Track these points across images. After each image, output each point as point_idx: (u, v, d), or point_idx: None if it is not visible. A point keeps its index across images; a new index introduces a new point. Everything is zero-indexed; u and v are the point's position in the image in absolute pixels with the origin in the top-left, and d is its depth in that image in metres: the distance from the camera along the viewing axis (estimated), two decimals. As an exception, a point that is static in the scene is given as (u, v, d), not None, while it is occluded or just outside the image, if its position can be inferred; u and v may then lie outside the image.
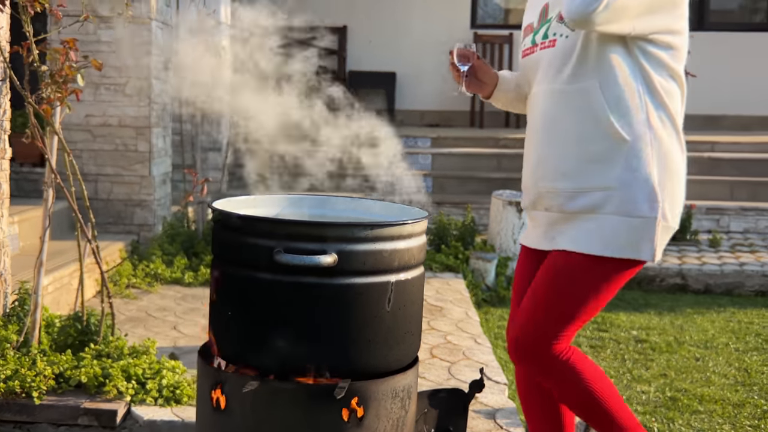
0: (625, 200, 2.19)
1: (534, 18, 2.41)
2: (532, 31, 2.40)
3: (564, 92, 2.22)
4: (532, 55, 2.36)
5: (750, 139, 8.66)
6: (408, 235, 1.93)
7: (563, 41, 2.24)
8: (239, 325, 1.96)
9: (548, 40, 2.29)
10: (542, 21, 2.36)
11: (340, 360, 1.90)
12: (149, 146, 5.61)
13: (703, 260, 6.39)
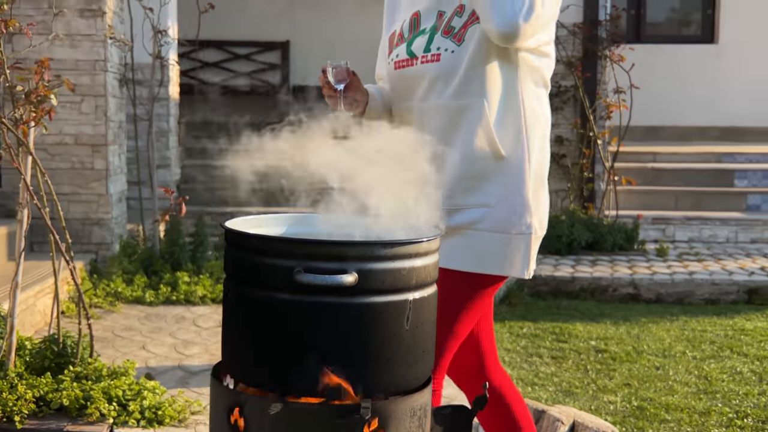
0: (501, 217, 2.20)
1: (399, 26, 2.33)
2: (403, 40, 2.31)
3: (450, 108, 2.19)
4: (411, 68, 2.26)
5: (690, 150, 8.91)
6: (425, 253, 1.96)
7: (449, 56, 2.19)
8: (257, 345, 1.96)
9: (431, 54, 2.21)
10: (414, 32, 2.28)
11: (360, 379, 1.91)
12: (106, 164, 5.55)
13: (653, 270, 6.54)
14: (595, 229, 7.10)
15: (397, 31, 2.33)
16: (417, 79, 2.24)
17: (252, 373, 1.99)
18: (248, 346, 1.99)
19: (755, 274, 6.43)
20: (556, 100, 7.62)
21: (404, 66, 2.28)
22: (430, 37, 2.23)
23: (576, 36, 7.54)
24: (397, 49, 2.30)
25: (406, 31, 2.30)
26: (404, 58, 2.27)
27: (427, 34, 2.24)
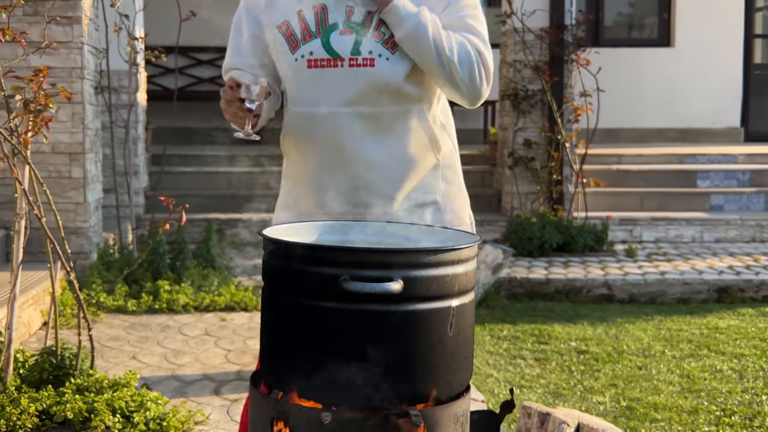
0: (451, 213, 2.29)
1: (294, 17, 2.16)
2: (311, 35, 2.14)
3: (385, 114, 2.15)
4: (336, 69, 2.12)
5: (654, 151, 9.08)
6: (466, 259, 1.99)
7: (385, 63, 2.12)
8: (301, 354, 1.97)
9: (362, 58, 2.10)
10: (323, 26, 2.14)
11: (407, 387, 1.93)
12: (83, 172, 5.49)
13: (625, 270, 6.65)
14: (566, 230, 7.20)
15: (295, 23, 2.15)
16: (344, 83, 2.12)
17: (296, 382, 2.00)
18: (292, 355, 2.00)
19: (724, 273, 6.57)
20: (524, 104, 7.71)
21: (324, 66, 2.12)
22: (357, 39, 2.12)
23: (543, 41, 7.64)
24: (307, 45, 2.13)
25: (311, 24, 2.14)
26: (324, 58, 2.12)
27: (352, 35, 2.13)
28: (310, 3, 2.15)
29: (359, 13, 2.14)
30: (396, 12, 2.09)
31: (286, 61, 2.16)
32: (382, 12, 2.10)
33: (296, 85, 2.17)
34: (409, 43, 2.10)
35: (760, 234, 7.81)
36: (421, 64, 2.13)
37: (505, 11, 7.76)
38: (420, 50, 2.10)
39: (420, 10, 2.11)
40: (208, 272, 5.56)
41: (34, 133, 3.23)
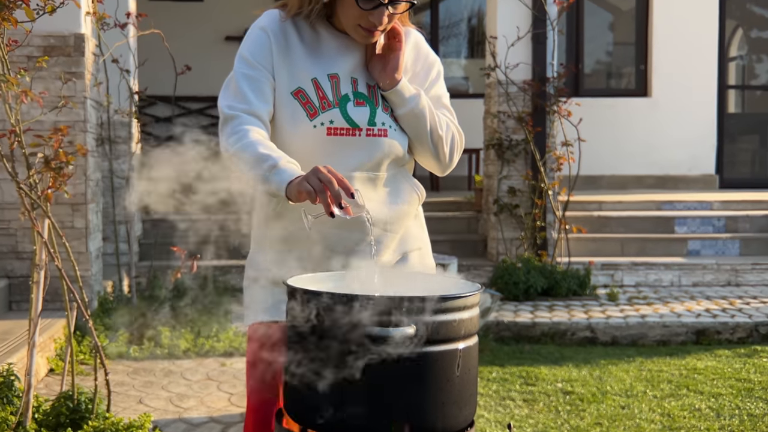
0: (428, 257, 2.60)
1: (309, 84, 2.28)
2: (330, 104, 2.28)
3: (385, 176, 2.37)
4: (354, 137, 2.29)
5: (633, 198, 9.37)
6: (471, 306, 2.21)
7: (395, 133, 2.34)
8: (326, 394, 2.17)
9: (377, 129, 2.30)
10: (337, 96, 2.30)
11: (422, 424, 2.14)
12: (86, 222, 5.68)
13: (607, 314, 6.88)
14: (550, 275, 7.43)
15: (311, 91, 2.28)
16: (360, 150, 2.29)
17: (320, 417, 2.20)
18: (316, 394, 2.20)
19: (701, 315, 6.81)
20: (509, 153, 7.98)
21: (343, 134, 2.28)
22: (372, 111, 2.32)
23: (526, 92, 7.94)
24: (326, 114, 2.26)
25: (329, 93, 2.28)
26: (343, 127, 2.27)
27: (366, 106, 2.32)
28: (324, 72, 2.29)
29: (362, 85, 2.34)
30: (400, 93, 2.33)
31: (301, 127, 2.25)
32: (387, 91, 2.33)
33: (311, 150, 2.26)
34: (408, 120, 2.35)
35: (735, 278, 8.08)
36: (414, 137, 2.38)
37: (489, 64, 8.07)
38: (417, 127, 2.36)
39: (418, 91, 2.35)
40: (206, 318, 5.75)
41: (56, 189, 3.43)
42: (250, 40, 2.30)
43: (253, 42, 2.29)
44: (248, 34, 2.32)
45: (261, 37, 2.29)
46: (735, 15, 12.09)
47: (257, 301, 2.47)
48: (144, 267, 7.24)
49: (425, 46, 2.49)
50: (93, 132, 5.85)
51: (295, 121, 2.25)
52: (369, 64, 2.36)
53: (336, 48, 2.34)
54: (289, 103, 2.26)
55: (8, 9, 3.20)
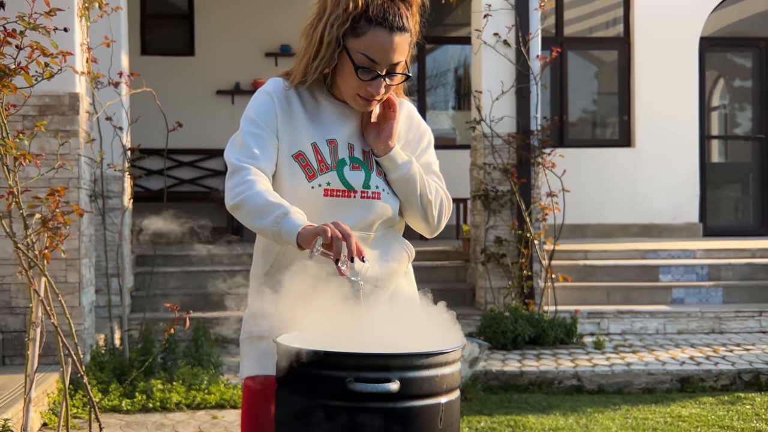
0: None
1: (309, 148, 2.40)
2: (328, 167, 2.40)
3: (376, 236, 2.50)
4: (349, 199, 2.41)
5: (618, 247, 9.51)
6: (452, 361, 2.31)
7: (387, 196, 2.47)
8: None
9: (371, 191, 2.43)
10: (335, 159, 2.42)
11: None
12: (79, 277, 5.77)
13: (593, 362, 6.97)
14: (537, 324, 7.54)
15: (310, 155, 2.39)
16: (354, 211, 2.41)
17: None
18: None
19: (686, 363, 6.91)
20: (495, 203, 8.13)
21: (339, 196, 2.40)
22: (367, 175, 2.46)
23: (511, 145, 8.11)
24: (324, 176, 2.38)
25: (327, 157, 2.40)
26: (339, 189, 2.39)
27: (361, 170, 2.45)
28: (323, 137, 2.42)
29: (358, 150, 2.49)
30: (393, 159, 2.47)
31: (300, 187, 2.37)
32: (381, 157, 2.47)
33: (309, 209, 2.32)
34: (400, 185, 2.49)
35: (719, 326, 8.21)
36: (405, 201, 2.51)
37: (475, 118, 8.25)
38: (408, 192, 2.50)
39: (410, 158, 2.50)
40: (197, 370, 5.82)
41: (53, 248, 3.54)
42: (256, 103, 2.42)
43: (259, 105, 2.41)
44: (255, 97, 2.45)
45: (267, 101, 2.41)
46: (717, 65, 12.35)
47: (253, 353, 2.58)
48: (136, 319, 7.32)
49: (417, 116, 2.64)
50: (87, 188, 5.97)
51: (295, 182, 2.37)
52: (364, 131, 2.50)
53: (335, 115, 2.48)
54: (290, 164, 2.38)
55: (8, 76, 3.33)
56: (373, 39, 2.36)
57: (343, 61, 2.39)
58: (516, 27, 8.06)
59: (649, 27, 11.47)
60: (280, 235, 2.21)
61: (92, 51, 5.99)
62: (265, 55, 11.39)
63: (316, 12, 2.44)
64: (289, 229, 2.19)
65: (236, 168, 2.31)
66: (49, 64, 3.55)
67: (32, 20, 3.51)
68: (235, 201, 2.27)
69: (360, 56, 2.37)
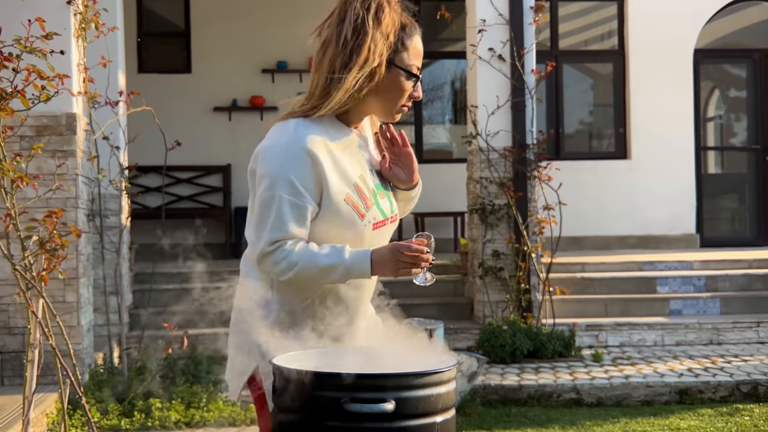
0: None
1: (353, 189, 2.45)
2: (372, 203, 2.47)
3: None
4: (385, 227, 2.53)
5: (615, 259, 9.53)
6: (447, 381, 2.33)
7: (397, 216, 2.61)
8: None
9: (393, 215, 2.55)
10: (371, 194, 2.49)
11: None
12: (77, 296, 5.79)
13: (592, 375, 6.98)
14: (535, 337, 7.55)
15: (355, 195, 2.44)
16: (387, 236, 2.55)
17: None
18: (300, 469, 2.32)
19: (684, 375, 6.93)
20: (492, 217, 8.16)
21: (381, 226, 2.50)
22: (390, 200, 2.56)
23: (507, 159, 8.14)
24: (370, 212, 2.45)
25: (366, 192, 2.46)
26: (381, 220, 2.49)
27: (385, 198, 2.53)
28: (357, 174, 2.46)
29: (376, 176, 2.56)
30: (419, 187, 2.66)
31: (357, 228, 2.43)
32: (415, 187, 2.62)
33: (360, 245, 2.43)
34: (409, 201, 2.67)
35: (717, 337, 8.22)
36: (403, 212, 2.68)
37: (471, 132, 8.29)
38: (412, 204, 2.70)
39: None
40: (196, 388, 5.83)
41: (51, 270, 3.56)
42: (295, 164, 2.34)
43: (300, 166, 2.35)
44: (288, 154, 2.35)
45: (307, 161, 2.35)
46: (712, 76, 12.41)
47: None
48: (135, 337, 7.33)
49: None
50: (84, 208, 5.99)
51: (352, 224, 2.43)
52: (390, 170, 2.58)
53: (355, 145, 2.51)
54: (344, 208, 2.42)
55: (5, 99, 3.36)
56: (416, 47, 2.47)
57: (391, 78, 2.43)
58: (511, 42, 8.10)
59: (643, 39, 11.52)
60: (353, 273, 2.39)
61: (89, 71, 6.03)
62: (261, 71, 11.44)
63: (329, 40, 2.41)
64: (362, 264, 2.37)
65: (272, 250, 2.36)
66: (46, 86, 3.58)
67: (29, 43, 3.54)
68: (288, 275, 2.38)
69: (412, 67, 2.46)
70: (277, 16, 11.28)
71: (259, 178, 2.37)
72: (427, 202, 11.03)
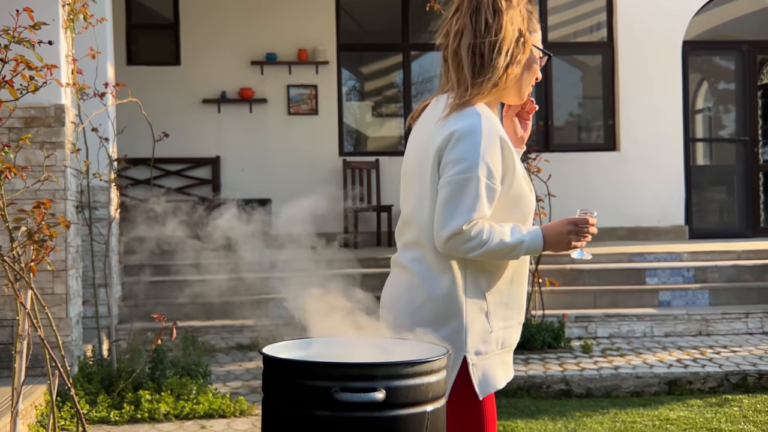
0: None
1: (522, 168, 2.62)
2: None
3: None
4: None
5: (604, 250, 9.55)
6: (438, 369, 2.33)
7: None
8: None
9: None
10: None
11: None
12: (66, 288, 5.77)
13: (581, 366, 7.00)
14: (525, 329, 7.56)
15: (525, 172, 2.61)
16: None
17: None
18: (291, 459, 2.31)
19: (673, 366, 6.95)
20: (481, 209, 8.16)
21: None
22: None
23: (496, 150, 8.13)
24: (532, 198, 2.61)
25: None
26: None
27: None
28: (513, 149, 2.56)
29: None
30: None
31: (528, 209, 2.59)
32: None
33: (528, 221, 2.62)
34: None
35: (706, 328, 8.25)
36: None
37: (460, 124, 8.27)
38: None
39: None
40: (186, 380, 5.82)
41: (39, 261, 3.55)
42: (493, 150, 2.46)
43: (496, 152, 2.46)
44: (485, 138, 2.45)
45: (498, 146, 2.47)
46: (700, 68, 12.43)
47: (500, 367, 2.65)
48: (124, 329, 7.31)
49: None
50: (73, 200, 5.97)
51: (529, 206, 2.60)
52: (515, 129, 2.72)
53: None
54: (527, 192, 2.58)
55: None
56: (538, 28, 2.64)
57: (528, 57, 2.59)
58: (500, 33, 8.09)
59: (632, 31, 11.54)
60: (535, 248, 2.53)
61: (78, 62, 6.00)
62: (251, 63, 11.40)
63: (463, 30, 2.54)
64: (536, 248, 2.52)
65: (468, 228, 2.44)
66: (34, 77, 3.56)
67: (17, 34, 3.52)
68: (478, 253, 2.46)
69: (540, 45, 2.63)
70: (266, 8, 11.24)
71: (454, 161, 2.44)
72: (416, 194, 11.11)
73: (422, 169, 2.53)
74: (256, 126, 11.31)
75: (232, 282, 8.60)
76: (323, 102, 11.47)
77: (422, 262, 2.56)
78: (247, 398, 5.92)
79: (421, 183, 2.54)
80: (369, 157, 11.34)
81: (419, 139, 2.62)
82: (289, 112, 11.44)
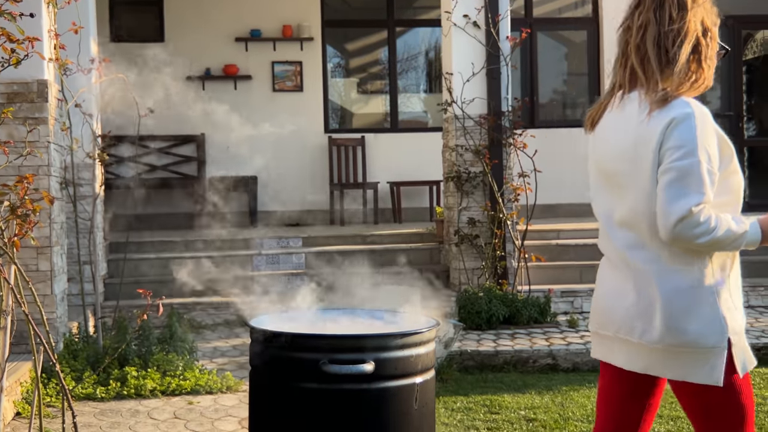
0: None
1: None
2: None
3: None
4: None
5: (589, 226, 9.55)
6: (427, 341, 2.33)
7: None
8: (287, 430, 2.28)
9: None
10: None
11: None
12: (50, 265, 5.73)
13: (567, 340, 7.02)
14: (511, 304, 7.58)
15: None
16: None
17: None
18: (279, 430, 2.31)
19: (659, 340, 6.97)
20: (467, 185, 8.16)
21: None
22: None
23: (482, 126, 8.13)
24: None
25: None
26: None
27: None
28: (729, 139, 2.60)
29: None
30: None
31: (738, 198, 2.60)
32: None
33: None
34: None
35: (692, 302, 8.27)
36: None
37: (446, 100, 8.26)
38: None
39: None
40: (172, 357, 5.80)
41: (22, 236, 3.51)
42: (709, 135, 2.51)
43: (713, 138, 2.51)
44: (702, 126, 2.50)
45: (714, 134, 2.53)
46: (685, 44, 12.40)
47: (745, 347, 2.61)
48: (109, 306, 7.28)
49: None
50: (57, 176, 5.92)
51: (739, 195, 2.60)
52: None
53: None
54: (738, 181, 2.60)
55: (-27, 63, 3.29)
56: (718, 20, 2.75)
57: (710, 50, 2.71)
58: (485, 8, 8.06)
59: (617, 7, 11.48)
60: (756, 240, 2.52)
61: (60, 38, 5.93)
62: (235, 40, 11.32)
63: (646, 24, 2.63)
64: (754, 240, 2.50)
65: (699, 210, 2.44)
66: (16, 50, 3.51)
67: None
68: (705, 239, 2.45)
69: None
70: (250, -17, 11.16)
71: (674, 147, 2.46)
72: (402, 171, 11.09)
73: (638, 171, 2.54)
74: (241, 103, 11.23)
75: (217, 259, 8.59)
76: (308, 79, 11.41)
77: (659, 262, 2.56)
78: (234, 374, 5.92)
79: (640, 183, 2.54)
80: (355, 134, 11.30)
81: (619, 141, 2.63)
82: (274, 89, 11.38)
